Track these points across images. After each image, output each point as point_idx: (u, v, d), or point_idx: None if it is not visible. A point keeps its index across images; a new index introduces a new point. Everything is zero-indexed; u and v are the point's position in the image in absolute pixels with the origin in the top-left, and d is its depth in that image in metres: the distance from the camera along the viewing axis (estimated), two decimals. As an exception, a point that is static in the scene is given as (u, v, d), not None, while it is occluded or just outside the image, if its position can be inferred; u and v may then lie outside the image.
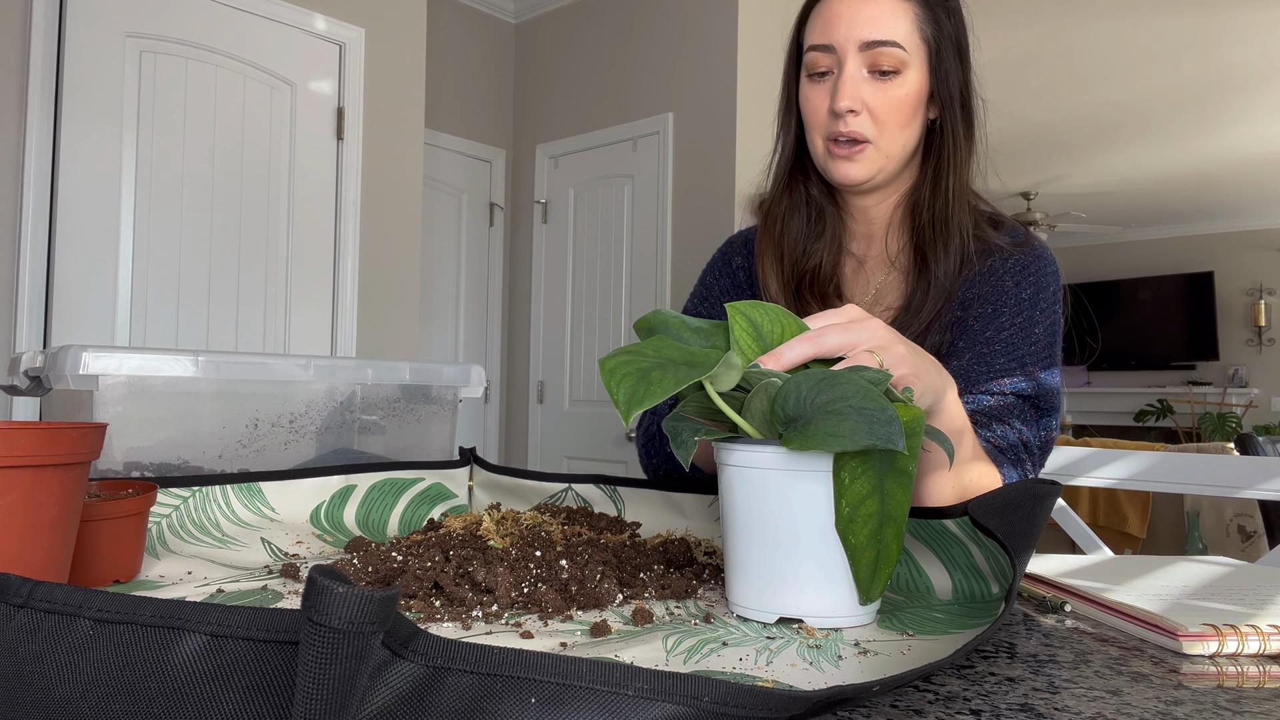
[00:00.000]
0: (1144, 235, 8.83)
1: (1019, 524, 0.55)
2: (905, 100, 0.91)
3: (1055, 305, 0.95)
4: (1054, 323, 0.95)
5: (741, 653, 0.46)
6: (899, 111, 0.92)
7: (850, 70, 0.91)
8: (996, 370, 0.90)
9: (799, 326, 0.59)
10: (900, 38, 0.90)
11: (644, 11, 3.73)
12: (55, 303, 2.41)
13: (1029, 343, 0.92)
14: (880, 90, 0.91)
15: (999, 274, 0.95)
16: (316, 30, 2.93)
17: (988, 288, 0.94)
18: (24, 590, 0.32)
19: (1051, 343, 0.94)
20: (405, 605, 0.53)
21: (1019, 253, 0.96)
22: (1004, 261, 0.95)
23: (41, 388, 0.82)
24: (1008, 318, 0.93)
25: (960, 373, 0.91)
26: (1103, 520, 3.93)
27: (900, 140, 0.93)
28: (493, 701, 0.29)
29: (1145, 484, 1.27)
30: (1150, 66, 4.75)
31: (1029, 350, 0.92)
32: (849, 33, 0.90)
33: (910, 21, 0.91)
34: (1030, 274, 0.95)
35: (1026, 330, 0.92)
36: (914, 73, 0.91)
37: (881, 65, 0.90)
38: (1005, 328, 0.92)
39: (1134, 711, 0.38)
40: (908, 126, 0.93)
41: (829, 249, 1.01)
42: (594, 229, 3.90)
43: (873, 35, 0.90)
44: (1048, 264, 0.97)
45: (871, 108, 0.91)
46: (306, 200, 2.92)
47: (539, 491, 0.88)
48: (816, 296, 0.99)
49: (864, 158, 0.93)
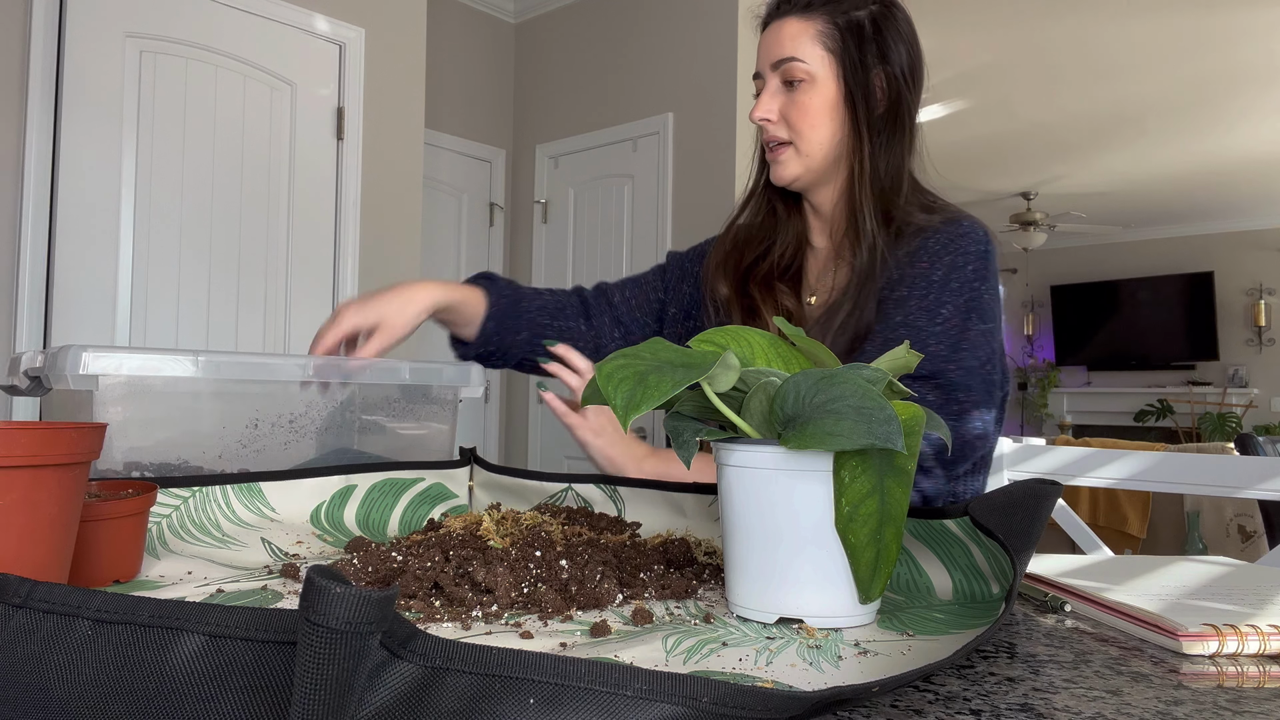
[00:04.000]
0: (1144, 235, 8.83)
1: (1019, 524, 0.55)
2: (810, 104, 1.04)
3: (976, 283, 0.97)
4: (970, 301, 0.96)
5: (741, 653, 0.46)
6: (807, 115, 1.04)
7: (770, 87, 1.06)
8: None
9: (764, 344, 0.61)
10: (801, 53, 1.03)
11: (644, 11, 3.73)
12: (55, 303, 2.41)
13: (934, 323, 0.95)
14: (791, 99, 1.05)
15: (918, 255, 1.00)
16: (316, 30, 2.93)
17: (908, 269, 0.99)
18: (23, 590, 0.32)
19: (963, 322, 0.95)
20: (405, 605, 0.53)
21: (943, 231, 1.01)
22: (925, 241, 1.01)
23: (41, 388, 0.82)
24: (916, 301, 0.96)
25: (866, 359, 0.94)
26: (1103, 520, 3.93)
27: (815, 140, 1.05)
28: (491, 702, 0.29)
29: (1145, 484, 1.27)
30: (1150, 66, 4.74)
31: (932, 332, 0.94)
32: (766, 57, 1.07)
33: (812, 38, 1.04)
34: (948, 253, 0.99)
35: (932, 312, 0.95)
36: (822, 82, 1.04)
37: (789, 77, 1.04)
38: (912, 311, 0.96)
39: (1134, 711, 0.38)
40: (819, 127, 1.04)
41: (791, 244, 1.13)
42: (594, 229, 3.90)
43: (779, 54, 1.05)
44: (971, 242, 1.00)
45: (785, 115, 1.05)
46: (306, 200, 2.92)
47: (539, 491, 0.88)
48: (759, 284, 1.10)
49: (786, 159, 1.06)
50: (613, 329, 1.19)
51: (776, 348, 0.61)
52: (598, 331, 1.18)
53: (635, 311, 1.21)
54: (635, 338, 1.20)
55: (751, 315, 1.08)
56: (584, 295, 1.22)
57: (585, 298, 1.21)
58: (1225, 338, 8.35)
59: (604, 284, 1.24)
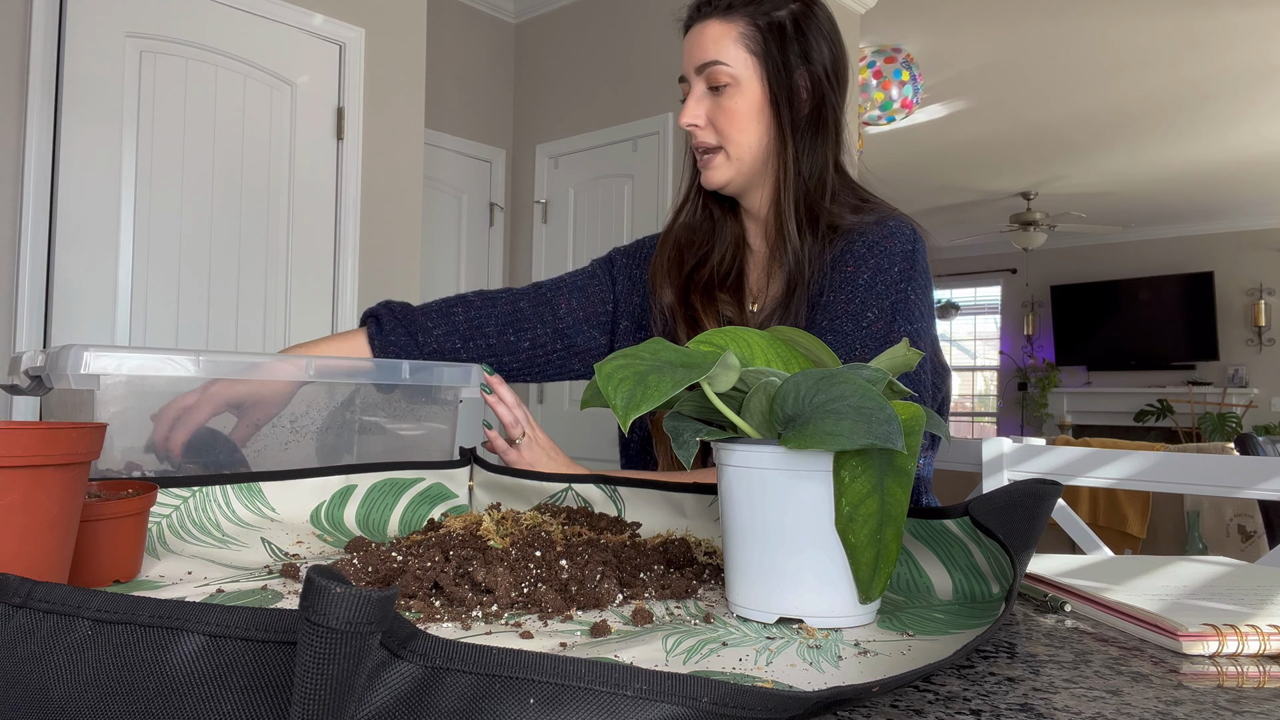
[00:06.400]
0: (1144, 235, 8.83)
1: (1019, 524, 0.55)
2: (736, 108, 1.02)
3: (902, 284, 0.97)
4: (896, 303, 0.96)
5: (741, 653, 0.46)
6: (733, 119, 1.02)
7: (695, 92, 1.04)
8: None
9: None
10: (725, 57, 1.01)
11: (644, 11, 3.73)
12: (55, 303, 2.41)
13: (859, 328, 0.95)
14: (717, 104, 1.03)
15: (844, 259, 1.00)
16: (316, 30, 2.93)
17: (836, 273, 0.99)
18: (23, 590, 0.32)
19: (888, 325, 0.95)
20: (405, 605, 0.53)
21: (869, 233, 1.00)
22: (852, 244, 1.00)
23: (42, 387, 0.82)
24: (841, 305, 0.97)
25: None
26: (1103, 520, 3.93)
27: (744, 143, 1.03)
28: (491, 702, 0.29)
29: (1145, 484, 1.27)
30: (1150, 66, 4.75)
31: (859, 336, 0.95)
32: (690, 61, 1.04)
33: (734, 40, 1.01)
34: (873, 255, 0.99)
35: (857, 316, 0.95)
36: (747, 85, 1.02)
37: (714, 81, 1.02)
38: (838, 315, 0.96)
39: (1134, 711, 0.38)
40: (746, 131, 1.03)
41: (730, 249, 1.10)
42: (594, 229, 3.90)
43: (702, 59, 1.02)
44: (897, 242, 1.00)
45: (712, 119, 1.03)
46: (306, 200, 2.92)
47: (539, 491, 0.88)
48: (702, 293, 1.07)
49: (717, 164, 1.05)
50: (554, 341, 1.13)
51: (776, 348, 0.61)
52: (534, 343, 1.12)
53: (582, 324, 1.15)
54: (579, 349, 1.14)
55: (694, 326, 1.05)
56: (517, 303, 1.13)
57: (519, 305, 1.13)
58: (1225, 338, 8.35)
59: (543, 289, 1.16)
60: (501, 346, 1.11)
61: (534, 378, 1.15)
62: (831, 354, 0.60)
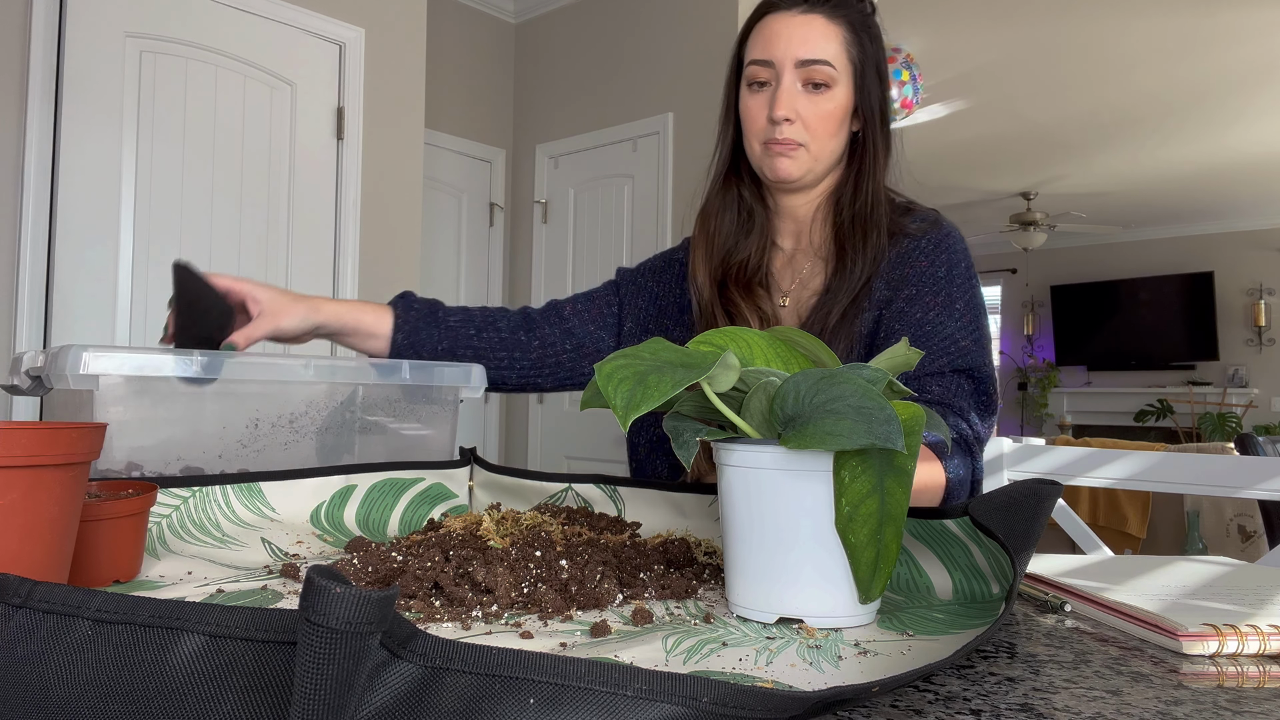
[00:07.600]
0: (1144, 235, 8.83)
1: (1019, 524, 0.55)
2: (833, 113, 1.01)
3: (970, 280, 1.02)
4: (972, 297, 1.01)
5: (741, 653, 0.46)
6: (828, 122, 1.01)
7: (787, 83, 1.00)
8: (934, 351, 0.96)
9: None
10: (830, 57, 1.00)
11: (644, 11, 3.73)
12: (55, 303, 2.41)
13: (953, 319, 0.98)
14: (812, 102, 1.01)
15: (913, 255, 1.02)
16: (316, 30, 2.93)
17: (907, 270, 1.02)
18: (23, 590, 0.32)
19: (975, 316, 1.00)
20: (405, 605, 0.53)
21: (930, 233, 1.04)
22: (916, 243, 1.03)
23: (42, 387, 0.82)
24: (930, 297, 0.99)
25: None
26: (1103, 520, 3.93)
27: (829, 147, 1.03)
28: (491, 702, 0.29)
29: (1145, 484, 1.27)
30: (1150, 66, 4.74)
31: (955, 326, 0.98)
32: (786, 50, 1.00)
33: (839, 43, 1.01)
34: (941, 252, 1.02)
35: (948, 308, 0.99)
36: (841, 89, 1.01)
37: (814, 80, 1.00)
38: (931, 307, 0.99)
39: (1134, 711, 0.38)
40: (835, 136, 1.03)
41: (757, 244, 1.10)
42: (594, 229, 3.90)
43: (807, 54, 0.99)
44: (956, 242, 1.04)
45: (804, 117, 1.01)
46: (306, 200, 2.92)
47: (539, 491, 0.88)
48: (740, 287, 1.08)
49: (798, 156, 1.03)
50: (563, 341, 1.15)
51: (776, 348, 0.61)
52: (544, 342, 1.14)
53: (589, 324, 1.17)
54: (588, 350, 1.16)
55: (731, 320, 1.06)
56: (529, 311, 1.18)
57: (530, 313, 1.17)
58: (1225, 338, 8.34)
59: (555, 300, 1.21)
60: (513, 342, 1.14)
61: (546, 381, 1.16)
62: (831, 354, 0.60)
